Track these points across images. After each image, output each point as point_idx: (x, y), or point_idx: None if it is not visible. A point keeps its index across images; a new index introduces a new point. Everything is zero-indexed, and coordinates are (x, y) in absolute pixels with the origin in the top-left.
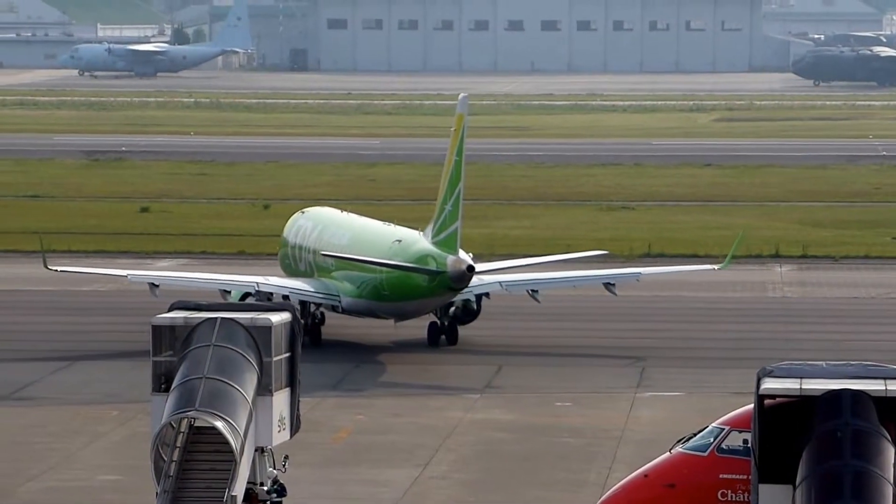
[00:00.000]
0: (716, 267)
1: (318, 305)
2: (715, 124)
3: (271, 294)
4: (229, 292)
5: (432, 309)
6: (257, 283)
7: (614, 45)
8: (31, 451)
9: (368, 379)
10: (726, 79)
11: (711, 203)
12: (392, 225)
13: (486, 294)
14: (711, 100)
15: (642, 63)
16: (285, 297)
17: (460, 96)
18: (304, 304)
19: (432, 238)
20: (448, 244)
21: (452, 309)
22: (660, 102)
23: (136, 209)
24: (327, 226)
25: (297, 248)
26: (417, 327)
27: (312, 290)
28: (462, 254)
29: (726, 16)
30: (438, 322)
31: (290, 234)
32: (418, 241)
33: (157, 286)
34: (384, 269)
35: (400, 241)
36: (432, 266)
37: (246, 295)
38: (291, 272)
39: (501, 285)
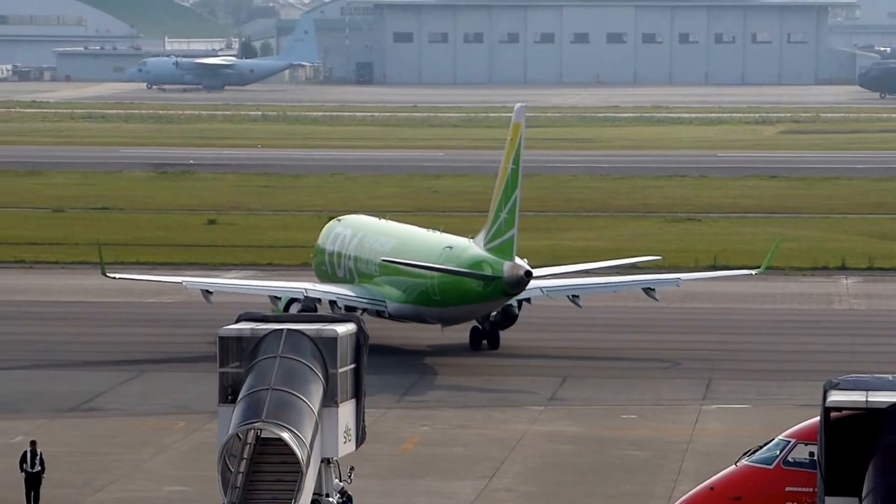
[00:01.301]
0: (753, 272)
1: (363, 311)
2: (781, 136)
3: (319, 300)
4: (279, 298)
5: (483, 314)
6: (305, 289)
7: (680, 58)
8: (99, 462)
9: (433, 390)
10: (792, 91)
11: (777, 215)
12: (437, 232)
13: (528, 299)
14: (777, 112)
15: (708, 75)
16: (332, 304)
17: (517, 106)
18: (349, 310)
19: (485, 245)
20: (504, 251)
21: (493, 314)
22: (725, 115)
23: (203, 221)
24: (367, 233)
25: (335, 255)
26: (459, 330)
27: (358, 296)
28: (518, 260)
29: (792, 28)
30: (480, 327)
31: (326, 241)
32: (470, 247)
33: (211, 293)
34: (435, 274)
35: (451, 247)
36: (488, 272)
37: (291, 301)
38: (328, 279)
39: (542, 291)
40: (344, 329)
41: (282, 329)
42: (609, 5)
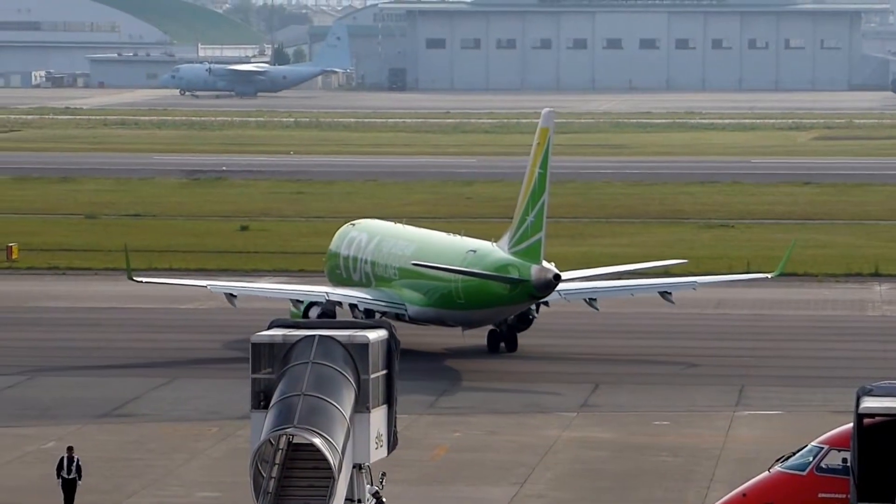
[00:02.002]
0: (769, 275)
1: (382, 314)
2: (814, 143)
3: (339, 303)
4: (301, 302)
5: (507, 317)
6: (327, 293)
7: (713, 64)
8: (132, 468)
9: (465, 396)
10: (825, 97)
11: (810, 221)
12: (457, 236)
13: (546, 303)
14: (810, 118)
15: (741, 81)
16: (353, 307)
17: (545, 111)
18: (369, 313)
19: (510, 248)
20: (530, 254)
21: (510, 317)
22: (759, 121)
23: (236, 228)
24: (385, 237)
25: (350, 259)
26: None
27: (377, 299)
28: (545, 263)
29: (825, 34)
30: (498, 330)
31: (340, 245)
32: (494, 250)
33: (236, 296)
34: (460, 277)
35: (475, 251)
36: (514, 275)
37: (311, 305)
38: (342, 283)
39: (560, 294)
40: (375, 335)
41: (314, 335)
42: (642, 11)
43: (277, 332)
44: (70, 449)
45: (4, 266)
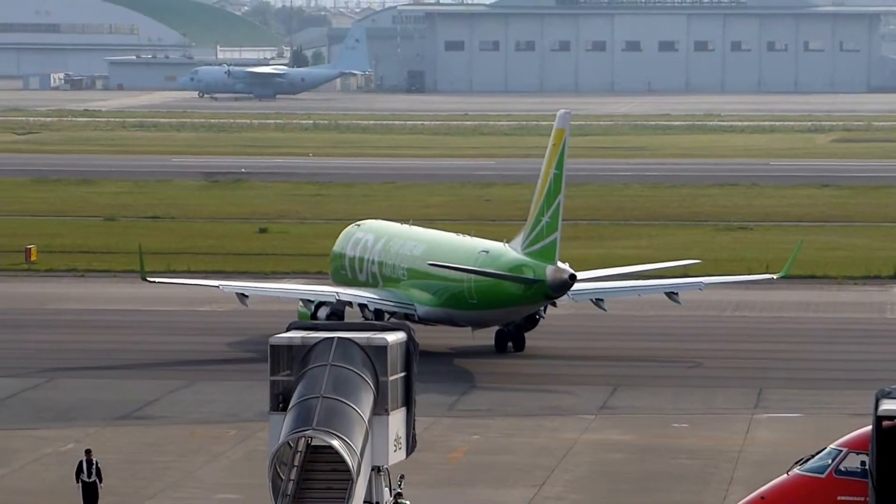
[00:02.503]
0: (775, 276)
1: (391, 314)
2: (833, 145)
3: (349, 303)
4: (312, 302)
5: (521, 317)
6: (337, 293)
7: (732, 66)
8: (151, 470)
9: (483, 399)
10: (844, 99)
11: (829, 224)
12: (467, 236)
13: (553, 303)
14: (829, 120)
15: (760, 83)
16: (362, 307)
17: (560, 112)
18: (378, 313)
19: (524, 249)
20: (545, 255)
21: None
22: (777, 123)
23: (255, 230)
24: (392, 238)
25: (356, 259)
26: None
27: (387, 299)
28: (560, 264)
29: (845, 36)
30: (505, 329)
31: (346, 246)
32: (507, 251)
33: (247, 296)
34: (472, 277)
35: (487, 251)
36: (529, 275)
37: (320, 304)
38: (347, 283)
39: (568, 295)
40: (394, 337)
41: (332, 337)
42: (661, 13)
43: (296, 334)
44: (88, 452)
45: (24, 268)
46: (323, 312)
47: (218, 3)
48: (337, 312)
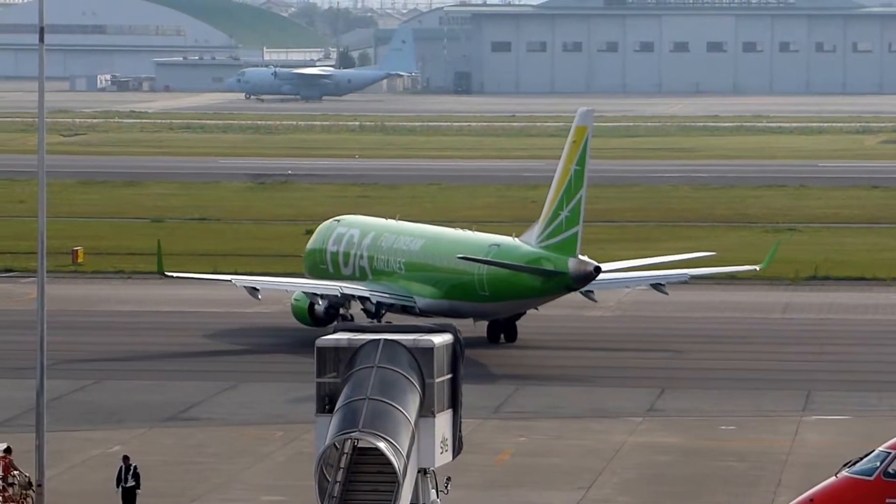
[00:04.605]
0: (757, 267)
1: (390, 307)
2: (882, 146)
3: (351, 297)
4: (319, 295)
5: (530, 308)
6: (341, 287)
7: (780, 67)
8: (196, 472)
9: (530, 401)
10: (893, 100)
11: (878, 225)
12: (468, 231)
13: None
14: (878, 121)
15: (808, 84)
16: (364, 300)
17: (581, 109)
18: (379, 306)
19: (539, 242)
20: (565, 247)
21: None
22: (826, 124)
23: (301, 231)
24: (382, 232)
25: (340, 254)
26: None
27: (384, 292)
28: (582, 257)
29: (893, 37)
30: (498, 320)
31: (326, 241)
32: (520, 245)
33: (258, 290)
34: (485, 268)
35: (498, 245)
36: (549, 267)
37: (318, 297)
38: (327, 277)
39: None
40: (440, 339)
41: (378, 339)
42: (709, 14)
43: (343, 336)
44: (126, 458)
45: (70, 270)
46: (319, 307)
47: (264, 5)
48: (335, 305)
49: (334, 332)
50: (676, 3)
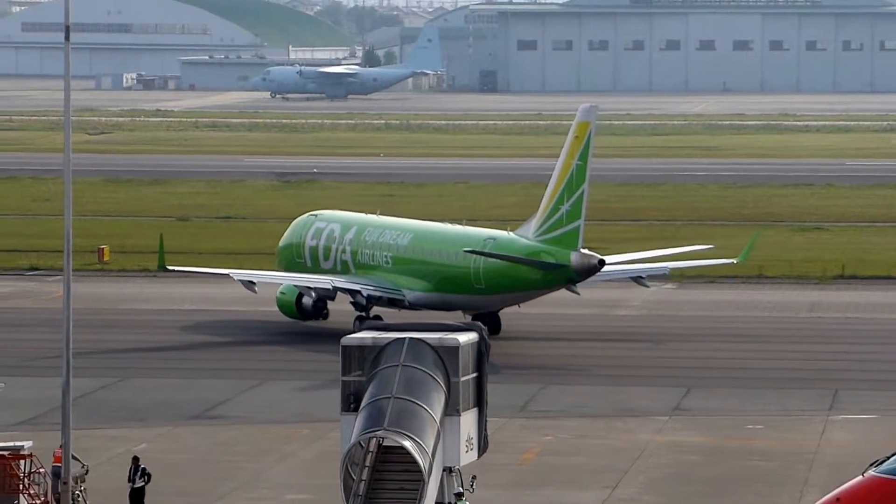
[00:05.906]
0: (734, 260)
1: (378, 299)
2: None
3: (338, 289)
4: (312, 289)
5: (522, 302)
6: (332, 280)
7: (807, 65)
8: (222, 470)
9: (556, 400)
10: None
11: None
12: (457, 225)
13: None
14: None
15: (835, 83)
16: (354, 293)
17: (584, 106)
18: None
19: (537, 236)
20: (566, 241)
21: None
22: (853, 123)
23: None
24: (364, 226)
25: (319, 248)
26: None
27: (372, 285)
28: (584, 250)
29: None
30: (482, 312)
31: (303, 235)
32: (517, 238)
33: (255, 283)
34: (480, 260)
35: (494, 238)
36: (550, 260)
37: (301, 294)
38: (304, 271)
39: None
40: (466, 338)
41: (404, 338)
42: (735, 12)
43: (367, 334)
44: (135, 459)
45: (96, 268)
46: (308, 299)
47: (290, 3)
48: (322, 298)
49: (359, 330)
50: (703, 1)
